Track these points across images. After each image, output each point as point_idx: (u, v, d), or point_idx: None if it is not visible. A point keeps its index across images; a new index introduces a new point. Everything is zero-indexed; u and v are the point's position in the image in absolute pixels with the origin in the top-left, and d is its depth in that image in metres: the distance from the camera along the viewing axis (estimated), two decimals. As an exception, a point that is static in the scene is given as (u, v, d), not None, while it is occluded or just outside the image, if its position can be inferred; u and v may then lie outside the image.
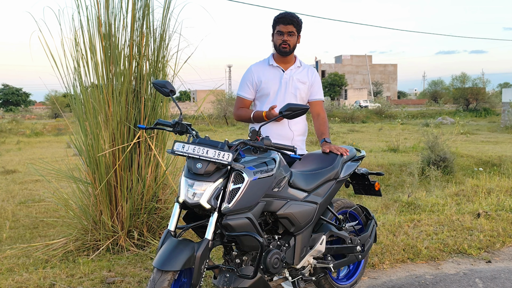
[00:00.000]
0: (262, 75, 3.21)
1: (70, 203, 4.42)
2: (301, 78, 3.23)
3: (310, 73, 3.28)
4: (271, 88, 3.19)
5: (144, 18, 4.17)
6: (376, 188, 3.31)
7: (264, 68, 3.25)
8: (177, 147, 2.31)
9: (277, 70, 3.23)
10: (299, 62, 3.28)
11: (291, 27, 3.09)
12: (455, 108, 37.20)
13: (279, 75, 3.22)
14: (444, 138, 10.15)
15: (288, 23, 3.08)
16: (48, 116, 39.00)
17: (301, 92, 3.22)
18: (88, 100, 4.14)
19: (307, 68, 3.31)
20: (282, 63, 3.23)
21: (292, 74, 3.22)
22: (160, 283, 2.09)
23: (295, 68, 3.25)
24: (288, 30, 3.09)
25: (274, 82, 3.19)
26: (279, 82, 3.20)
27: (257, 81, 3.22)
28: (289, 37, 3.10)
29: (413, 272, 3.59)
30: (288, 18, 3.08)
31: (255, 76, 3.22)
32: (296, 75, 3.23)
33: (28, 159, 11.54)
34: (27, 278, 3.41)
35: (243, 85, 3.26)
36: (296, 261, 2.69)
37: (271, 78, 3.20)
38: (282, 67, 3.22)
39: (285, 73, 3.21)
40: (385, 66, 73.05)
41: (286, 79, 3.20)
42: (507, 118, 21.91)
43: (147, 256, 3.86)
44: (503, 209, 5.11)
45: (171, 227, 2.31)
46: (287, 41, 3.10)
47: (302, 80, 3.23)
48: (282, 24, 3.09)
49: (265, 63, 3.27)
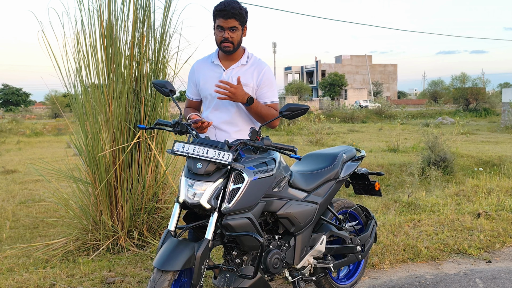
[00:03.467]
0: (202, 74, 2.75)
1: (70, 203, 4.42)
2: (243, 79, 2.65)
3: (257, 73, 2.70)
4: (208, 90, 2.71)
5: (145, 18, 4.17)
6: (376, 188, 3.31)
7: (205, 65, 2.77)
8: (177, 147, 2.31)
9: (217, 69, 2.72)
10: (245, 58, 2.73)
11: (233, 22, 2.56)
12: (455, 108, 37.20)
13: (218, 75, 2.70)
14: (444, 138, 10.15)
15: (229, 17, 2.55)
16: (48, 116, 39.00)
17: None
18: (88, 100, 4.15)
19: (255, 65, 2.73)
20: (226, 61, 2.72)
21: (232, 75, 2.68)
22: (160, 283, 2.09)
23: (238, 67, 2.70)
24: (229, 26, 2.57)
25: (212, 84, 2.66)
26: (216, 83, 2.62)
27: (197, 81, 2.78)
28: (231, 33, 2.59)
29: (413, 272, 3.59)
30: (229, 12, 2.53)
31: (196, 74, 2.78)
32: (237, 76, 2.65)
33: (28, 159, 11.53)
34: (27, 278, 3.41)
35: (188, 84, 2.84)
36: (296, 261, 2.69)
37: (210, 78, 2.70)
38: (224, 65, 2.72)
39: (225, 73, 2.69)
40: (385, 66, 73.04)
41: (225, 79, 2.65)
42: (507, 118, 21.91)
43: (147, 256, 3.86)
44: (503, 209, 5.11)
45: (171, 227, 2.31)
46: (229, 38, 2.59)
47: (244, 82, 2.64)
48: (221, 18, 2.56)
49: (208, 60, 2.79)
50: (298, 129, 17.43)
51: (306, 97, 52.65)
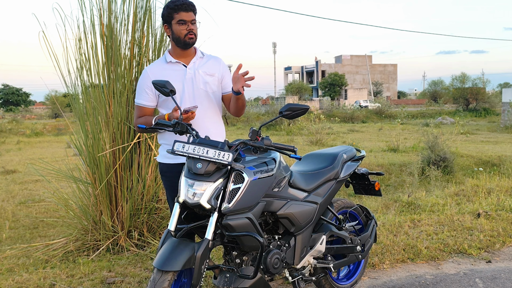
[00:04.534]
0: (161, 76, 2.74)
1: (70, 203, 4.43)
2: (207, 70, 2.79)
3: (217, 64, 2.85)
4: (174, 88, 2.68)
5: (145, 18, 4.18)
6: (376, 188, 3.31)
7: (161, 67, 2.80)
8: (177, 147, 2.31)
9: (178, 66, 2.78)
10: (200, 52, 2.84)
11: (192, 15, 2.70)
12: (455, 108, 37.20)
13: (181, 72, 2.77)
14: (444, 138, 10.16)
15: (189, 10, 2.69)
16: (48, 116, 39.02)
17: (211, 86, 2.79)
18: (88, 100, 4.15)
19: (212, 58, 2.87)
20: (183, 58, 2.79)
21: (196, 68, 2.78)
22: (160, 283, 2.09)
23: (198, 59, 2.81)
24: (191, 19, 2.69)
25: (177, 81, 2.73)
26: (183, 79, 2.74)
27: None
28: (193, 25, 2.71)
29: (413, 272, 3.59)
30: (189, 5, 2.68)
31: (153, 79, 2.72)
32: (201, 67, 2.78)
33: (28, 159, 11.54)
34: (27, 278, 3.41)
35: (141, 92, 2.81)
36: (296, 261, 2.69)
37: (173, 77, 2.73)
38: (183, 61, 2.78)
39: (188, 68, 2.76)
40: (385, 66, 73.06)
41: (191, 74, 2.75)
42: (507, 118, 21.92)
43: (147, 256, 3.86)
44: (503, 209, 5.11)
45: (171, 227, 2.31)
46: (192, 30, 2.70)
47: (209, 72, 2.79)
48: (183, 12, 2.67)
49: (162, 62, 2.82)
50: (298, 129, 17.43)
51: (306, 97, 52.70)
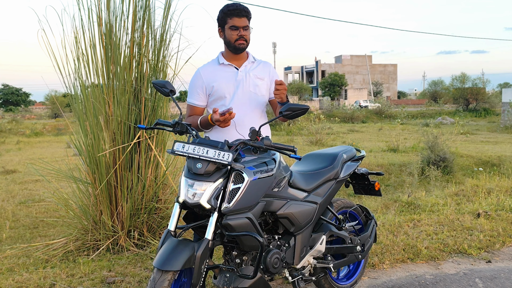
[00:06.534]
0: (213, 77, 2.83)
1: (70, 203, 4.43)
2: (258, 73, 2.88)
3: (267, 68, 2.94)
4: (225, 90, 2.82)
5: (144, 18, 4.17)
6: (376, 188, 3.31)
7: (214, 69, 2.87)
8: (177, 147, 2.32)
9: (230, 69, 2.86)
10: (252, 57, 2.93)
11: (245, 20, 2.76)
12: (455, 108, 37.21)
13: (233, 74, 2.85)
14: (444, 138, 10.16)
15: (242, 16, 2.74)
16: (48, 116, 39.02)
17: (260, 89, 2.88)
18: (88, 100, 4.14)
19: (262, 63, 2.96)
20: (235, 61, 2.87)
21: (247, 71, 2.86)
22: (160, 283, 2.09)
23: (250, 63, 2.90)
24: (243, 25, 2.75)
25: (229, 83, 2.82)
26: (234, 81, 2.83)
27: (208, 85, 2.84)
28: (245, 31, 2.77)
29: (413, 272, 3.59)
30: (242, 10, 2.74)
31: (205, 80, 2.84)
32: (252, 71, 2.87)
33: (28, 159, 11.54)
34: (27, 278, 3.41)
35: (192, 91, 2.89)
36: (296, 261, 2.70)
37: (225, 78, 2.83)
38: (235, 64, 2.87)
39: (240, 71, 2.85)
40: (385, 66, 73.05)
41: (242, 76, 2.84)
42: (507, 118, 21.93)
43: (147, 256, 3.86)
44: (503, 209, 5.12)
45: (171, 227, 2.32)
46: (244, 36, 2.76)
47: (259, 76, 2.88)
48: (236, 17, 2.73)
49: (215, 64, 2.90)
50: (298, 129, 17.43)
51: (306, 97, 52.64)
